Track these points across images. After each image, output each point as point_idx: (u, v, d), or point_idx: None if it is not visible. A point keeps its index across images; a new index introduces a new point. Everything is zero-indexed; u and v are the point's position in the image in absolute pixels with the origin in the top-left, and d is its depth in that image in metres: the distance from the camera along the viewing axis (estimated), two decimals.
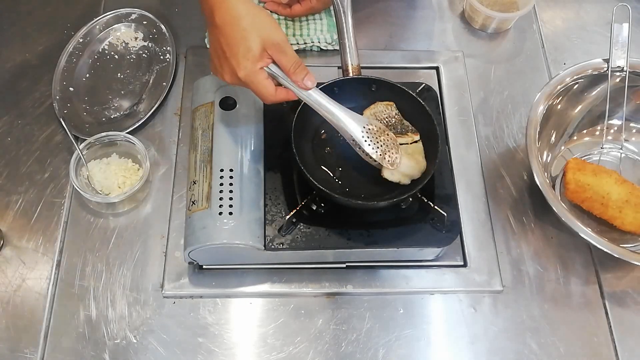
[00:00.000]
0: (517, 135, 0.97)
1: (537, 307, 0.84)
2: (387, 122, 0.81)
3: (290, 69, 0.70)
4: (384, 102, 0.82)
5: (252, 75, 0.68)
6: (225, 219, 0.74)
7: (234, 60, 0.68)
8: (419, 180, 0.76)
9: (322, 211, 0.78)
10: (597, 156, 0.95)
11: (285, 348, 0.80)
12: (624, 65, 0.89)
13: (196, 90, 0.86)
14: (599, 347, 0.82)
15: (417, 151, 0.79)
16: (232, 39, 0.68)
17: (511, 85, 1.02)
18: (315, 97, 0.73)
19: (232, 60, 0.68)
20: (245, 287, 0.83)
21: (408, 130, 0.81)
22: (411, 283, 0.84)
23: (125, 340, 0.79)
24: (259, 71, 0.69)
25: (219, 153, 0.79)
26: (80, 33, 1.01)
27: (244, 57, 0.67)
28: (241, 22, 0.67)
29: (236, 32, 0.67)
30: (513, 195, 0.92)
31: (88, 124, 0.93)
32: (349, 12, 0.81)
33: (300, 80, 0.70)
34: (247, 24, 0.67)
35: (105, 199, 0.86)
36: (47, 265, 0.83)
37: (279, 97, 0.71)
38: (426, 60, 1.04)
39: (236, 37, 0.67)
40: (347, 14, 0.81)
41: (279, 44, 0.69)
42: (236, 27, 0.68)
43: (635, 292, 0.86)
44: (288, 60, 0.70)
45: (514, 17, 1.05)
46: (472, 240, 0.87)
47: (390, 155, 0.75)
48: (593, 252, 0.88)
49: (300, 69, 0.70)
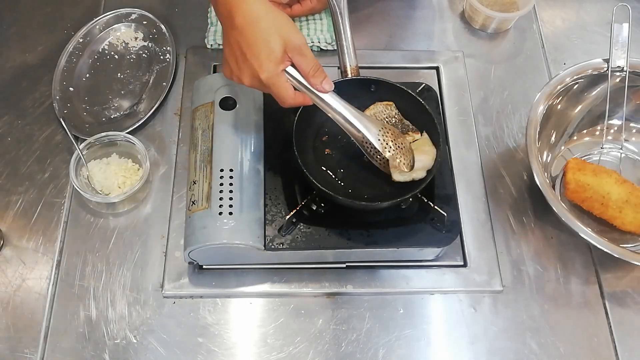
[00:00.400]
0: (517, 135, 0.97)
1: (537, 307, 0.84)
2: (387, 122, 0.81)
3: (309, 72, 0.69)
4: (383, 102, 0.82)
5: (274, 78, 0.67)
6: (225, 219, 0.74)
7: (256, 62, 0.66)
8: (421, 181, 0.76)
9: (322, 211, 0.78)
10: (597, 156, 0.95)
11: (285, 348, 0.80)
12: (624, 65, 0.89)
13: (196, 90, 0.86)
14: (599, 347, 0.82)
15: (423, 143, 0.79)
16: (253, 40, 0.66)
17: (511, 85, 1.02)
18: (332, 101, 0.72)
19: (254, 62, 0.66)
20: (245, 287, 0.83)
21: (409, 129, 0.81)
22: (411, 283, 0.84)
23: (125, 340, 0.79)
24: (281, 73, 0.68)
25: (219, 153, 0.79)
26: (80, 33, 1.01)
27: (267, 58, 0.66)
28: (262, 23, 0.66)
29: (257, 34, 0.66)
30: (513, 195, 0.92)
31: (88, 124, 0.93)
32: (346, 13, 0.81)
33: (319, 83, 0.70)
34: (268, 25, 0.66)
35: (105, 199, 0.86)
36: (47, 265, 0.84)
37: (297, 101, 0.71)
38: (426, 60, 1.04)
39: (258, 39, 0.66)
40: (343, 15, 0.81)
41: (299, 47, 0.68)
42: (257, 28, 0.66)
43: (636, 292, 0.86)
44: (307, 63, 0.69)
45: (514, 17, 1.05)
46: (472, 240, 0.87)
47: (406, 159, 0.76)
48: (593, 252, 0.88)
49: (319, 72, 0.70)
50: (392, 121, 0.81)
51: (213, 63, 1.01)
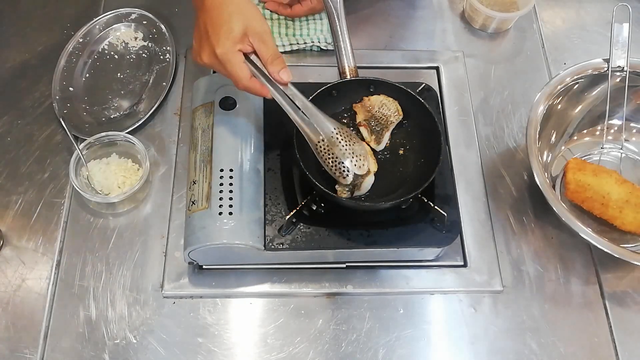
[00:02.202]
0: (517, 135, 0.97)
1: (537, 307, 0.84)
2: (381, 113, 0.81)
3: (268, 59, 0.71)
4: (390, 97, 0.82)
5: (229, 54, 0.69)
6: (225, 219, 0.74)
7: (215, 38, 0.69)
8: (422, 181, 0.75)
9: (322, 211, 0.78)
10: (597, 156, 0.95)
11: (285, 348, 0.80)
12: (624, 65, 0.89)
13: (196, 90, 0.86)
14: (599, 347, 0.81)
15: None
16: (216, 20, 0.69)
17: (511, 85, 1.02)
18: (288, 92, 0.73)
19: (213, 38, 0.69)
20: (245, 287, 0.83)
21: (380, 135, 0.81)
22: (411, 283, 0.84)
23: (125, 340, 0.79)
24: (237, 53, 0.70)
25: (218, 153, 0.79)
26: (80, 33, 1.01)
27: (224, 36, 0.69)
28: (229, 6, 0.69)
29: (222, 15, 0.69)
30: (513, 195, 0.92)
31: (88, 124, 0.93)
32: (342, 14, 0.81)
33: (277, 72, 0.71)
34: (234, 9, 0.69)
35: (105, 199, 0.86)
36: (46, 266, 0.83)
37: (252, 85, 0.71)
38: (426, 60, 1.04)
39: (221, 19, 0.69)
40: (340, 16, 0.81)
41: (261, 34, 0.70)
42: (223, 10, 0.69)
43: (636, 292, 0.85)
44: (267, 50, 0.71)
45: (514, 17, 1.05)
46: (472, 240, 0.87)
47: (359, 161, 0.75)
48: (593, 252, 0.88)
49: (278, 61, 0.71)
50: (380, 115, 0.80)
51: None
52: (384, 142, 0.81)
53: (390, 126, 0.81)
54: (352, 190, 0.76)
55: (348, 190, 0.76)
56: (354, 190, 0.76)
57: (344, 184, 0.75)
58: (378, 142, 0.81)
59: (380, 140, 0.80)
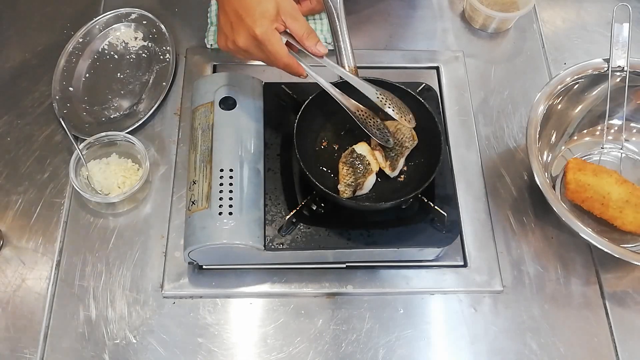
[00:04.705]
0: (517, 135, 0.97)
1: (538, 307, 0.84)
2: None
3: (303, 35, 0.72)
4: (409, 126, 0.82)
5: (269, 33, 0.70)
6: (225, 219, 0.74)
7: (250, 20, 0.69)
8: (422, 181, 0.75)
9: (322, 211, 0.78)
10: (597, 156, 0.95)
11: (285, 348, 0.80)
12: (624, 65, 0.89)
13: (196, 90, 0.86)
14: (600, 348, 0.81)
15: None
16: (248, 3, 0.70)
17: (511, 85, 1.02)
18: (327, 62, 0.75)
19: (248, 20, 0.69)
20: (245, 287, 0.83)
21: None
22: (411, 283, 0.84)
23: (125, 340, 0.79)
24: (275, 31, 0.71)
25: (218, 153, 0.79)
26: (80, 33, 1.01)
27: (261, 16, 0.69)
28: None
29: None
30: (513, 195, 0.92)
31: (88, 124, 0.93)
32: (342, 14, 0.81)
33: (313, 45, 0.73)
34: None
35: (105, 199, 0.86)
36: (46, 266, 0.83)
37: (291, 62, 0.73)
38: (426, 60, 1.04)
39: (252, 1, 0.70)
40: (340, 16, 0.81)
41: (292, 12, 0.71)
42: None
43: (636, 293, 0.85)
44: (300, 26, 0.72)
45: (514, 17, 1.05)
46: (472, 240, 0.87)
47: (406, 116, 0.78)
48: (593, 252, 0.88)
49: (312, 35, 0.73)
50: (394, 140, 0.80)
51: (213, 63, 1.01)
52: (398, 168, 0.80)
53: (405, 152, 0.80)
54: (354, 190, 0.76)
55: (350, 190, 0.76)
56: (356, 190, 0.76)
57: (388, 147, 0.78)
58: (393, 168, 0.79)
59: (395, 167, 0.79)
